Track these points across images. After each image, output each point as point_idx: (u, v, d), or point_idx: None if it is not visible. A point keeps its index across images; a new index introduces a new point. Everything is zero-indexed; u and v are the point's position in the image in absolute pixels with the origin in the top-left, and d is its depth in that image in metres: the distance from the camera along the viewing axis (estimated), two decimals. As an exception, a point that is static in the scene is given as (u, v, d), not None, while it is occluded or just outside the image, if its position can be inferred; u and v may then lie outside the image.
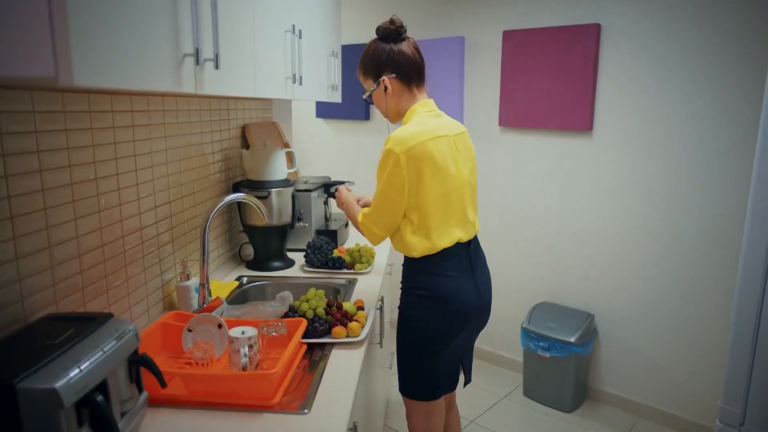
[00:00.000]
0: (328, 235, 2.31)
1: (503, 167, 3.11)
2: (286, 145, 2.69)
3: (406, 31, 1.63)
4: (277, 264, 2.16)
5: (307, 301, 1.58)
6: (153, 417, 1.14)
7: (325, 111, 3.84)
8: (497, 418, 2.76)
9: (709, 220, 2.46)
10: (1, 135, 1.01)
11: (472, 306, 1.62)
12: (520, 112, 2.94)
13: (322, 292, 1.64)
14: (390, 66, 1.61)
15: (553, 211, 2.96)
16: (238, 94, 1.30)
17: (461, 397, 2.05)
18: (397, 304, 1.72)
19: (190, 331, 1.40)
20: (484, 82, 3.11)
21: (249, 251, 2.24)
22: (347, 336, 1.51)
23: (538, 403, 2.88)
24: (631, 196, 2.68)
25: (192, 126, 1.84)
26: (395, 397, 2.88)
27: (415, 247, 1.56)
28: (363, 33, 3.54)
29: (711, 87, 2.38)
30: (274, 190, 2.09)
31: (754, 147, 1.62)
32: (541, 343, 2.75)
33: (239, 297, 1.95)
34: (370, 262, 2.16)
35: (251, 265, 2.18)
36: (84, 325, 0.99)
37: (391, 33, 1.61)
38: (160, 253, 1.64)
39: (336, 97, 2.55)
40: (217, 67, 1.09)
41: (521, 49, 2.87)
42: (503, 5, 2.95)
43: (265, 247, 2.17)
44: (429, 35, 3.26)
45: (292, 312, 1.56)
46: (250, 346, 1.27)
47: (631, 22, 2.55)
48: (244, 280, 2.05)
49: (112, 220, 1.38)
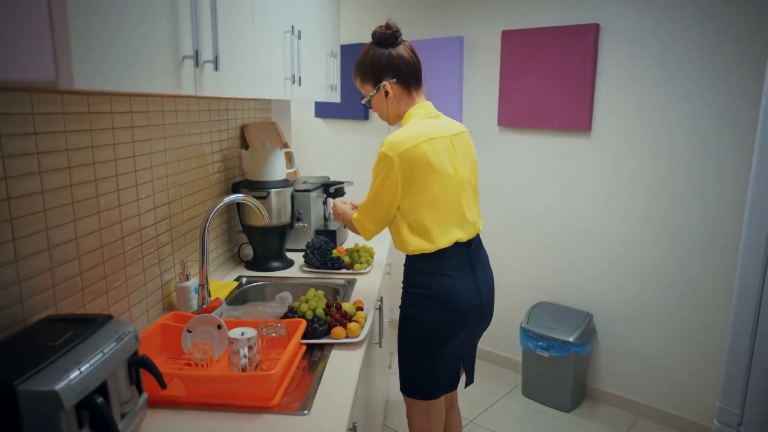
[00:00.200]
0: (328, 236, 2.31)
1: (502, 167, 3.11)
2: (285, 146, 2.69)
3: (401, 34, 1.64)
4: (276, 264, 2.17)
5: (306, 302, 1.58)
6: (153, 418, 1.14)
7: (324, 111, 3.84)
8: (496, 417, 2.77)
9: (709, 219, 2.46)
10: (0, 137, 1.01)
11: (471, 306, 1.62)
12: (519, 112, 2.94)
13: (321, 292, 1.64)
14: (390, 71, 1.61)
15: (552, 211, 2.96)
16: (237, 96, 1.30)
17: (460, 396, 2.05)
18: (396, 304, 1.72)
19: (189, 332, 1.40)
20: (483, 82, 3.11)
21: (248, 251, 2.25)
22: (346, 337, 1.51)
23: (537, 402, 2.89)
24: (630, 196, 2.68)
25: (191, 126, 1.84)
26: (394, 396, 2.88)
27: (412, 244, 1.58)
28: (362, 33, 3.54)
29: (710, 87, 2.38)
30: (274, 190, 2.10)
31: (753, 146, 1.62)
32: (540, 343, 2.76)
33: (238, 297, 1.95)
34: (369, 262, 2.16)
35: (250, 265, 2.18)
36: (84, 326, 0.99)
37: (388, 38, 1.62)
38: (159, 253, 1.65)
39: (335, 97, 2.56)
40: (216, 68, 1.09)
41: (520, 49, 2.87)
42: (502, 5, 2.96)
43: (264, 247, 2.17)
44: (428, 35, 3.26)
45: (292, 313, 1.56)
46: (250, 347, 1.27)
47: (630, 22, 2.55)
48: (244, 280, 2.05)
49: (111, 221, 1.38)
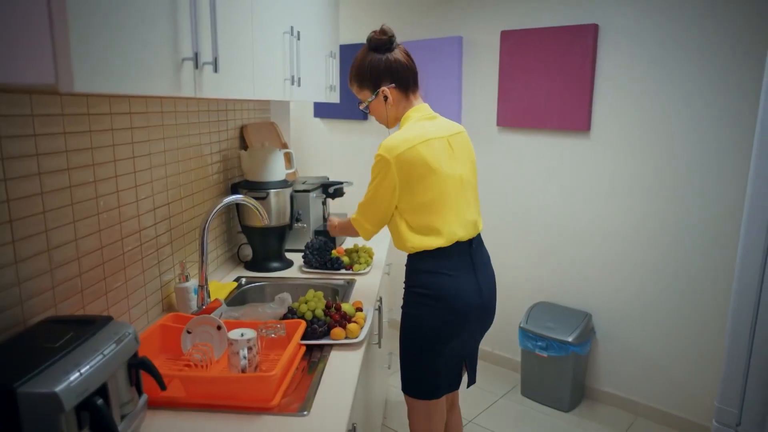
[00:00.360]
0: (327, 236, 2.31)
1: (501, 167, 3.12)
2: (285, 146, 2.69)
3: (396, 38, 1.65)
4: (275, 265, 2.17)
5: (305, 303, 1.59)
6: (152, 419, 1.14)
7: (323, 111, 3.84)
8: (495, 417, 2.77)
9: (708, 220, 2.47)
10: (0, 138, 1.01)
11: (472, 305, 1.62)
12: (518, 112, 2.94)
13: (320, 293, 1.64)
14: (388, 76, 1.63)
15: (551, 211, 2.97)
16: (236, 97, 1.30)
17: (460, 396, 2.05)
18: (395, 304, 1.73)
19: (189, 332, 1.40)
20: (482, 82, 3.11)
21: (247, 252, 2.25)
22: (346, 337, 1.51)
23: (536, 402, 2.89)
24: (629, 196, 2.69)
25: (190, 127, 1.84)
26: (394, 396, 2.88)
27: (411, 242, 1.59)
28: (361, 33, 3.54)
29: (709, 87, 2.38)
30: (273, 190, 2.10)
31: (752, 146, 1.63)
32: (539, 343, 2.76)
33: (238, 298, 1.95)
34: (368, 262, 2.16)
35: (250, 265, 2.18)
36: (84, 328, 0.99)
37: (384, 43, 1.63)
38: (159, 254, 1.65)
39: (334, 97, 2.56)
40: (216, 70, 1.09)
41: (519, 49, 2.87)
42: (501, 5, 2.96)
43: (263, 247, 2.17)
44: (427, 35, 3.26)
45: (291, 313, 1.56)
46: (249, 348, 1.27)
47: (628, 23, 2.55)
48: (243, 280, 2.05)
49: (111, 222, 1.38)
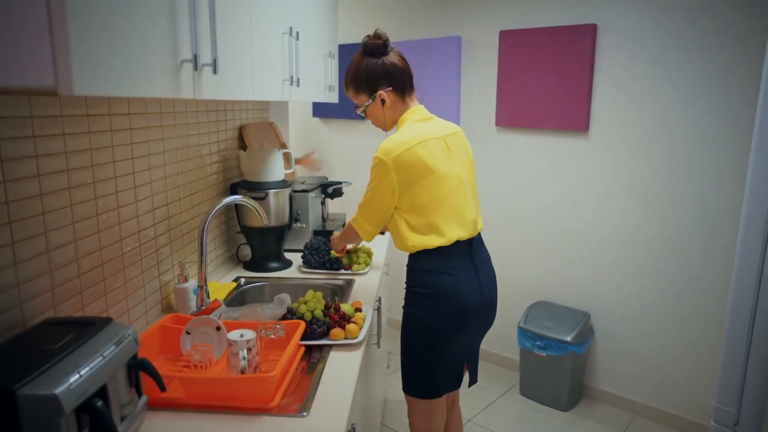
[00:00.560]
0: (326, 236, 2.31)
1: (500, 167, 3.12)
2: (283, 146, 2.69)
3: (390, 42, 1.66)
4: (274, 265, 2.17)
5: (305, 303, 1.59)
6: (152, 420, 1.15)
7: (322, 110, 3.84)
8: (494, 416, 2.78)
9: (707, 220, 2.47)
10: (-1, 140, 1.01)
11: (473, 304, 1.63)
12: (517, 112, 2.95)
13: (320, 294, 1.64)
14: (385, 79, 1.64)
15: (549, 211, 2.97)
16: (235, 98, 1.30)
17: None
18: (394, 304, 1.73)
19: (188, 333, 1.40)
20: (481, 81, 3.11)
21: (246, 252, 2.25)
22: (345, 338, 1.51)
23: (534, 401, 2.90)
24: (627, 196, 2.69)
25: (189, 128, 1.84)
26: (392, 396, 2.89)
27: (412, 241, 1.60)
28: (359, 32, 3.53)
29: (708, 87, 2.39)
30: (272, 191, 2.10)
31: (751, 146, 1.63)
32: (537, 342, 2.77)
33: (237, 298, 1.95)
34: (367, 262, 2.16)
35: (249, 265, 2.18)
36: (83, 329, 0.99)
37: (379, 47, 1.64)
38: (158, 255, 1.65)
39: (333, 97, 2.56)
40: (215, 71, 1.09)
41: (518, 49, 2.88)
42: (500, 5, 2.96)
43: (262, 248, 2.17)
44: (426, 35, 3.26)
45: (290, 314, 1.56)
46: (249, 349, 1.27)
47: (627, 22, 2.56)
48: (242, 281, 2.05)
49: (110, 223, 1.38)
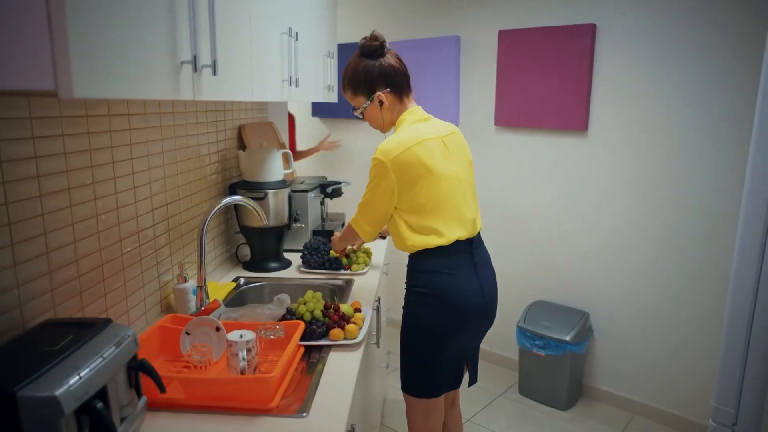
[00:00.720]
0: (325, 236, 2.31)
1: (499, 167, 3.12)
2: (282, 146, 2.69)
3: (387, 43, 1.67)
4: (273, 265, 2.17)
5: (304, 304, 1.59)
6: (152, 421, 1.15)
7: (320, 110, 3.84)
8: (493, 416, 2.78)
9: (705, 219, 2.48)
10: (-2, 142, 1.01)
11: (474, 304, 1.63)
12: (516, 111, 2.95)
13: (319, 294, 1.64)
14: (383, 81, 1.64)
15: (548, 211, 2.97)
16: (235, 99, 1.30)
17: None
18: (394, 304, 1.73)
19: (188, 334, 1.40)
20: (480, 81, 3.11)
21: (246, 252, 2.25)
22: (345, 338, 1.51)
23: (533, 401, 2.90)
24: (626, 196, 2.69)
25: (188, 128, 1.84)
26: (392, 396, 2.89)
27: (412, 241, 1.61)
28: (358, 32, 3.53)
29: (707, 86, 2.39)
30: (271, 191, 2.10)
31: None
32: (536, 342, 2.77)
33: (236, 298, 1.95)
34: (366, 262, 2.17)
35: (248, 266, 2.18)
36: (83, 331, 0.99)
37: (376, 49, 1.64)
38: (157, 255, 1.65)
39: (332, 97, 2.56)
40: (214, 73, 1.09)
41: (517, 48, 2.88)
42: (499, 5, 2.96)
43: (261, 248, 2.17)
44: (425, 34, 3.26)
45: (290, 314, 1.56)
46: (249, 350, 1.28)
47: (626, 22, 2.56)
48: (241, 281, 2.05)
49: (109, 223, 1.38)
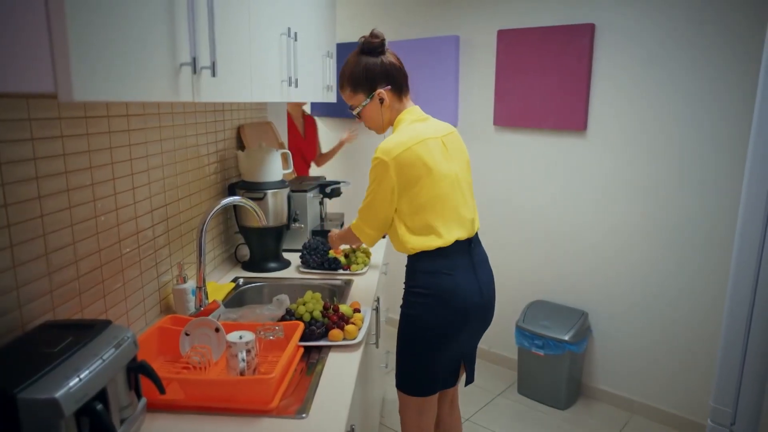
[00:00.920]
0: (324, 236, 2.32)
1: (498, 167, 3.12)
2: (281, 146, 2.69)
3: (386, 42, 1.67)
4: (273, 265, 2.17)
5: (303, 304, 1.59)
6: (151, 422, 1.15)
7: (319, 109, 3.84)
8: (492, 415, 2.79)
9: (704, 219, 2.48)
10: (-3, 143, 1.01)
11: (473, 304, 1.63)
12: (515, 111, 2.95)
13: (318, 294, 1.65)
14: (384, 78, 1.64)
15: (547, 211, 2.97)
16: (234, 100, 1.30)
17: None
18: (393, 304, 1.73)
19: (187, 335, 1.40)
20: (479, 81, 3.11)
21: (245, 252, 2.25)
22: (344, 339, 1.52)
23: (532, 400, 2.91)
24: (625, 196, 2.70)
25: (187, 128, 1.84)
26: (391, 395, 2.89)
27: (411, 243, 1.60)
28: (357, 31, 3.53)
29: (706, 86, 2.39)
30: (270, 191, 2.10)
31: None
32: (535, 341, 2.77)
33: (236, 298, 1.95)
34: (365, 262, 2.17)
35: (247, 266, 2.18)
36: (83, 332, 0.99)
37: (377, 47, 1.64)
38: (156, 256, 1.65)
39: (331, 97, 2.56)
40: (213, 74, 1.09)
41: (516, 48, 2.88)
42: (498, 5, 2.96)
43: (261, 248, 2.18)
44: (424, 34, 3.26)
45: (289, 315, 1.57)
46: (248, 351, 1.28)
47: (625, 22, 2.56)
48: (241, 281, 2.05)
49: (108, 224, 1.38)
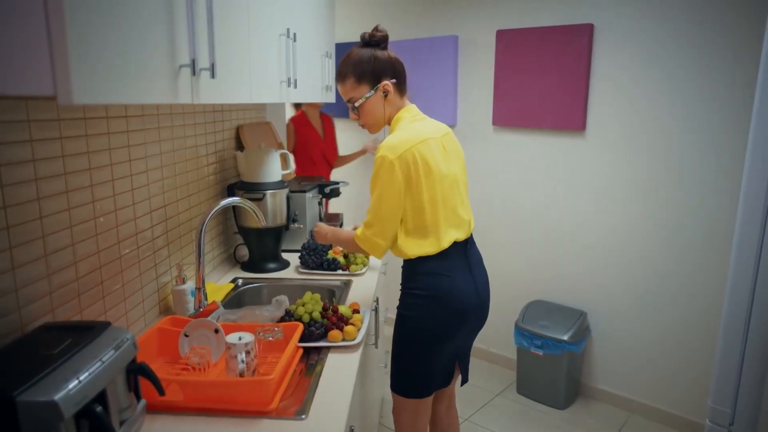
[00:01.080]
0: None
1: (496, 166, 3.12)
2: (280, 146, 2.69)
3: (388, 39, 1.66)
4: (272, 265, 2.17)
5: (303, 305, 1.59)
6: (151, 424, 1.15)
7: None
8: (491, 415, 2.79)
9: (703, 219, 2.48)
10: (-4, 145, 1.01)
11: (470, 305, 1.63)
12: (514, 111, 2.95)
13: (317, 296, 1.65)
14: (390, 71, 1.61)
15: (546, 211, 2.98)
16: (233, 102, 1.30)
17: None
18: (392, 304, 1.73)
19: (186, 336, 1.40)
20: (478, 81, 3.11)
21: (244, 252, 2.25)
22: (343, 339, 1.52)
23: (531, 400, 2.91)
24: (623, 195, 2.70)
25: (186, 129, 1.84)
26: (390, 395, 2.89)
27: (412, 249, 1.58)
28: (357, 31, 3.52)
29: (705, 86, 2.39)
30: (269, 191, 2.10)
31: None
32: (534, 341, 2.78)
33: (235, 299, 1.95)
34: (364, 263, 2.17)
35: (246, 266, 2.18)
36: (82, 334, 0.99)
37: (380, 41, 1.63)
38: (155, 257, 1.65)
39: (330, 97, 2.56)
40: (213, 76, 1.09)
41: (515, 48, 2.88)
42: (497, 5, 2.96)
43: (260, 248, 2.17)
44: (423, 34, 3.26)
45: (289, 316, 1.57)
46: (247, 352, 1.28)
47: (624, 22, 2.56)
48: (240, 282, 2.05)
49: (107, 226, 1.38)
